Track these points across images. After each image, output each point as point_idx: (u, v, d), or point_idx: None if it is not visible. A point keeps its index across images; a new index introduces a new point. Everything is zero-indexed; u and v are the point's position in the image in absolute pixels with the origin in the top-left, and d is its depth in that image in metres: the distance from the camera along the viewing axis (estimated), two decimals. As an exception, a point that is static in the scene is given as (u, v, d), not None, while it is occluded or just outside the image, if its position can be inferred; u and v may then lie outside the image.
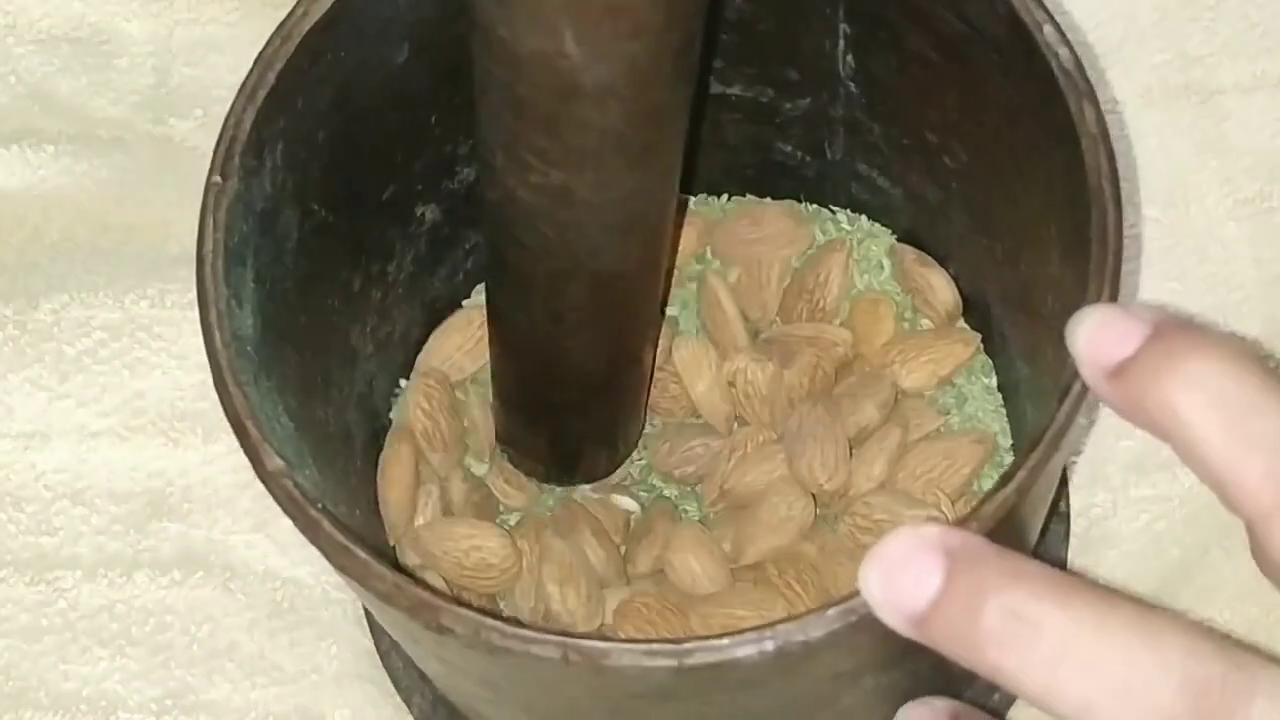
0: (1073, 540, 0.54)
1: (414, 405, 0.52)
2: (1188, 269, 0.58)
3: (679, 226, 0.53)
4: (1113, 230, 0.39)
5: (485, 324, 0.50)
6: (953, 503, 0.50)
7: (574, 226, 0.41)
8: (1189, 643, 0.32)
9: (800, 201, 0.54)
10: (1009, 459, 0.51)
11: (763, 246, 0.53)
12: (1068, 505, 0.55)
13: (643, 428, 0.52)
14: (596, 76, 0.36)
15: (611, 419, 0.50)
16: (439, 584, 0.49)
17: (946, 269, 0.52)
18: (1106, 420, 0.55)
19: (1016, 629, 0.33)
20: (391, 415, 0.53)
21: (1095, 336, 0.36)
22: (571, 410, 0.49)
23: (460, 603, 0.38)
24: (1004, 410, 0.52)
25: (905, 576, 0.34)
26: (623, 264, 0.43)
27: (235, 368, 0.40)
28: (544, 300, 0.44)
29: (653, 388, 0.52)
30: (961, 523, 0.37)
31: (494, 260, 0.45)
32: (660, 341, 0.52)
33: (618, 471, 0.52)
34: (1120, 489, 0.55)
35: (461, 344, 0.53)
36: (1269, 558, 0.35)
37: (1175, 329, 0.35)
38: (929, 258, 0.52)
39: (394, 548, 0.51)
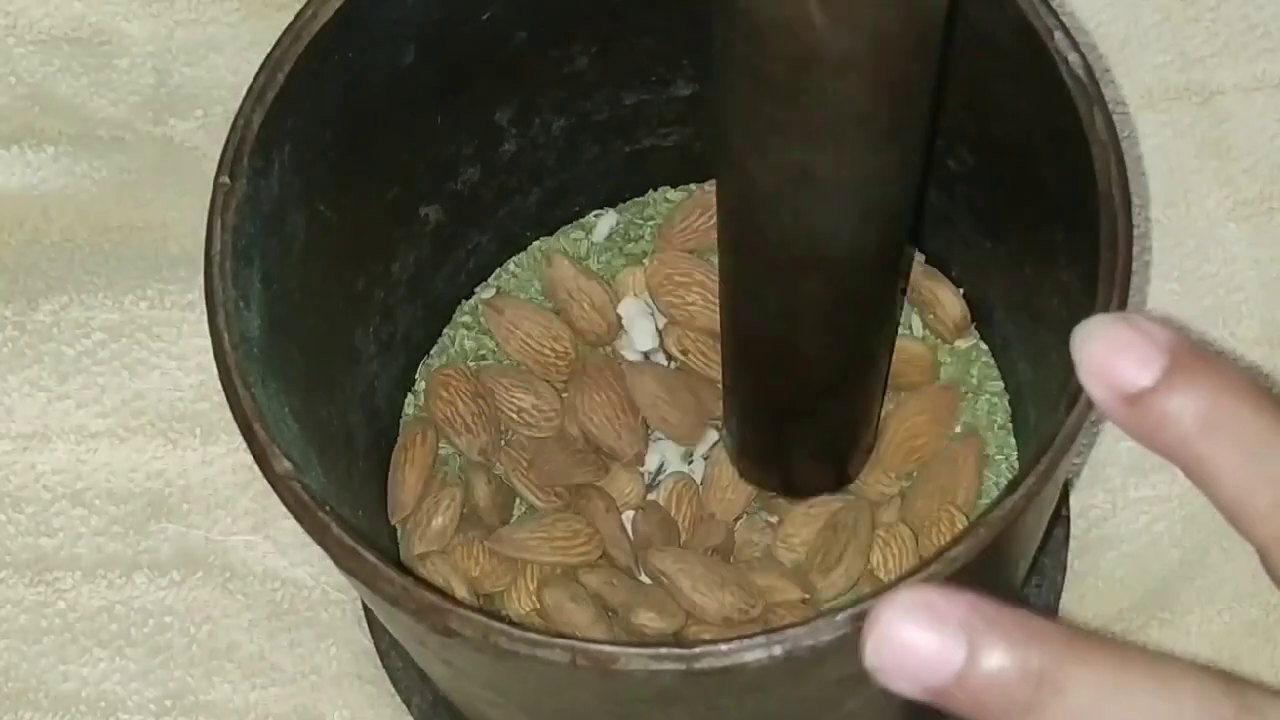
0: (1072, 541, 0.55)
1: (434, 391, 0.52)
2: (1188, 269, 0.58)
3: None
4: (1123, 236, 0.39)
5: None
6: (967, 516, 0.50)
7: (813, 211, 0.39)
8: (1199, 686, 0.33)
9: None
10: (1009, 456, 0.51)
11: None
12: (1068, 507, 0.55)
13: (875, 436, 0.51)
14: (839, 45, 0.35)
15: (845, 426, 0.49)
16: (443, 583, 0.49)
17: (950, 272, 0.53)
18: (1107, 422, 0.55)
19: (1042, 694, 0.33)
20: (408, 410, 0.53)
21: (1108, 357, 0.36)
22: (804, 416, 0.47)
23: (467, 605, 0.38)
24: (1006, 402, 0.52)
25: (922, 650, 0.33)
26: (860, 254, 0.41)
27: (243, 370, 0.40)
28: (779, 293, 0.42)
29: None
30: (969, 530, 0.37)
31: (730, 252, 0.43)
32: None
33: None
34: (1120, 490, 0.55)
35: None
36: (1278, 581, 0.35)
37: (1192, 359, 0.35)
38: (936, 271, 0.52)
39: (397, 529, 0.51)
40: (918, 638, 0.32)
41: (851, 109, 0.36)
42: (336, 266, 0.47)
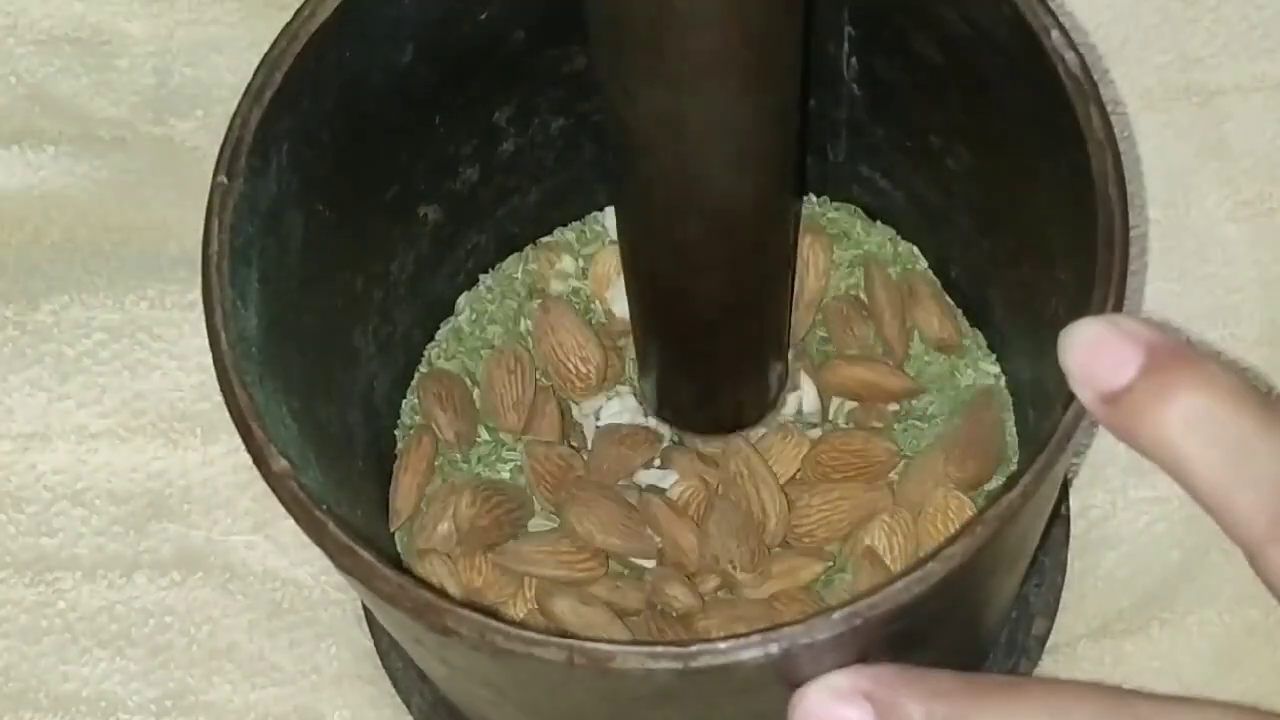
0: (1072, 542, 0.55)
1: (425, 400, 0.52)
2: (1188, 270, 0.58)
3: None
4: (1119, 236, 0.39)
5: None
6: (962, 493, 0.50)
7: (687, 157, 0.40)
8: (1093, 707, 0.35)
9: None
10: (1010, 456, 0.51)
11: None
12: (1067, 507, 0.55)
13: (783, 383, 0.52)
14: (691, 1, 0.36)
15: (743, 365, 0.50)
16: (440, 581, 0.49)
17: (950, 271, 0.53)
18: (1105, 422, 0.55)
19: None
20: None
21: (1088, 358, 0.36)
22: (701, 352, 0.48)
23: (465, 604, 0.38)
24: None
25: None
26: (739, 203, 0.42)
27: (240, 369, 0.40)
28: (663, 233, 0.43)
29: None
30: (967, 528, 0.37)
31: (621, 196, 0.45)
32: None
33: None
34: (1120, 490, 0.55)
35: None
36: (1268, 582, 0.35)
37: (1170, 356, 0.35)
38: (933, 284, 0.53)
39: (394, 535, 0.51)
40: (836, 713, 0.37)
41: (711, 59, 0.37)
42: (335, 266, 0.47)
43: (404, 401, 0.53)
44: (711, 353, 0.48)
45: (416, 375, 0.53)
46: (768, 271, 0.47)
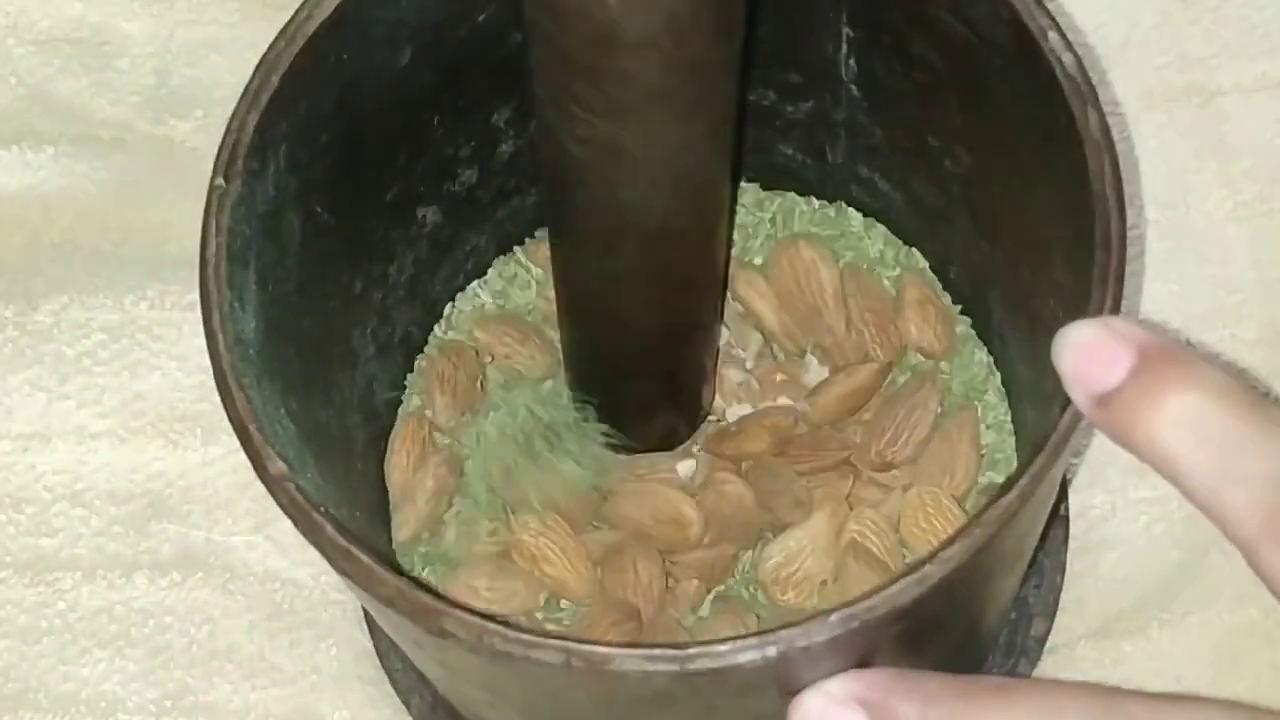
0: (1072, 542, 0.55)
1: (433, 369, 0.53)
2: (1187, 271, 0.58)
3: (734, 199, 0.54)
4: (1116, 237, 0.39)
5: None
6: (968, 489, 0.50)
7: (623, 183, 0.40)
8: (1086, 707, 0.36)
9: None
10: (1009, 455, 0.51)
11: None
12: (1067, 508, 0.55)
13: (712, 398, 0.52)
14: (635, 27, 0.36)
15: (674, 385, 0.50)
16: (438, 583, 0.50)
17: (948, 273, 0.53)
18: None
19: None
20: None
21: (1081, 361, 0.36)
22: (632, 373, 0.49)
23: (462, 607, 0.38)
24: (997, 376, 0.52)
25: None
26: (673, 223, 0.42)
27: (238, 371, 0.40)
28: (598, 259, 0.44)
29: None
30: (964, 530, 0.37)
31: (551, 218, 0.45)
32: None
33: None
34: (1119, 491, 0.55)
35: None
36: (1265, 580, 0.35)
37: (1161, 357, 0.35)
38: (929, 294, 0.53)
39: (393, 537, 0.51)
40: (832, 718, 0.38)
41: (652, 87, 0.37)
42: (333, 268, 0.47)
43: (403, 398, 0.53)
44: (644, 376, 0.49)
45: (416, 364, 0.54)
46: (701, 295, 0.47)
